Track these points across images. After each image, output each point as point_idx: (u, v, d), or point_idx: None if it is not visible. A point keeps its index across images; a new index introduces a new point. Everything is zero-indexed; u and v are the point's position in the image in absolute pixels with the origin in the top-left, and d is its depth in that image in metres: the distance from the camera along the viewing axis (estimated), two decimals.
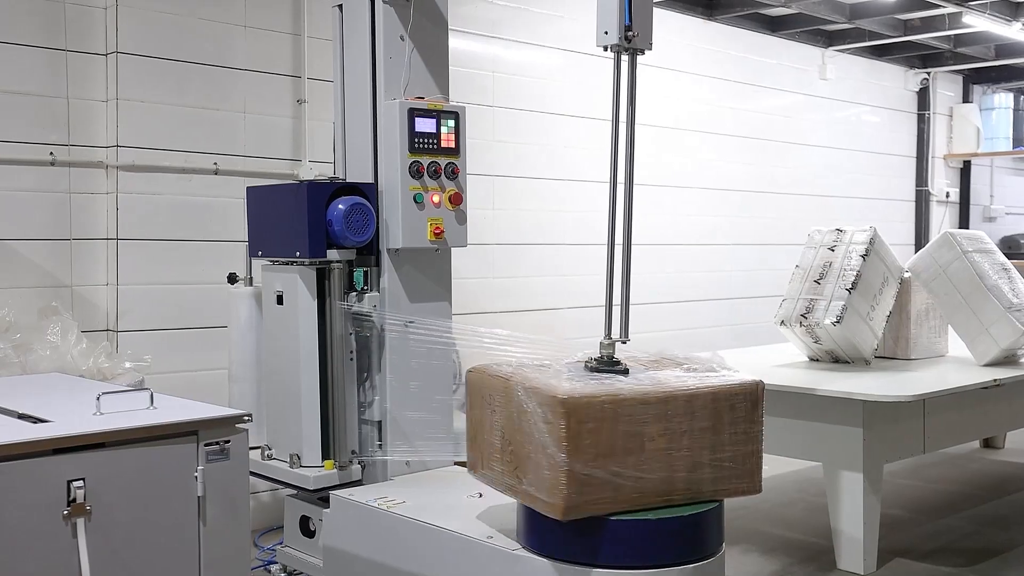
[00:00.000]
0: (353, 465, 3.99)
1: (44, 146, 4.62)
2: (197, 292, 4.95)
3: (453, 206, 4.07)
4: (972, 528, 5.27)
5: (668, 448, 2.96)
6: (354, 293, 4.01)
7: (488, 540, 3.21)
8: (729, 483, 3.08)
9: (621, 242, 3.29)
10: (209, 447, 2.62)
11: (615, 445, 2.87)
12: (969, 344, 5.15)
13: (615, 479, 2.88)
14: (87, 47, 4.74)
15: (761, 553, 4.83)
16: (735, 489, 3.10)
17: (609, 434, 2.86)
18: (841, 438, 4.50)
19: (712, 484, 3.04)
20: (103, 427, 2.52)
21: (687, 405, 2.98)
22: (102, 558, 2.43)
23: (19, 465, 2.33)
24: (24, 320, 4.34)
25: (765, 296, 7.27)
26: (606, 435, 2.86)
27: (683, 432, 2.97)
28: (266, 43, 5.23)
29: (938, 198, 9.84)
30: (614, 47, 3.25)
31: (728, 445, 3.06)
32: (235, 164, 5.10)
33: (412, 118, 3.97)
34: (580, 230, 6.70)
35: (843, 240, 5.28)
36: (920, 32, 8.13)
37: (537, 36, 6.57)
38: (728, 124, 7.85)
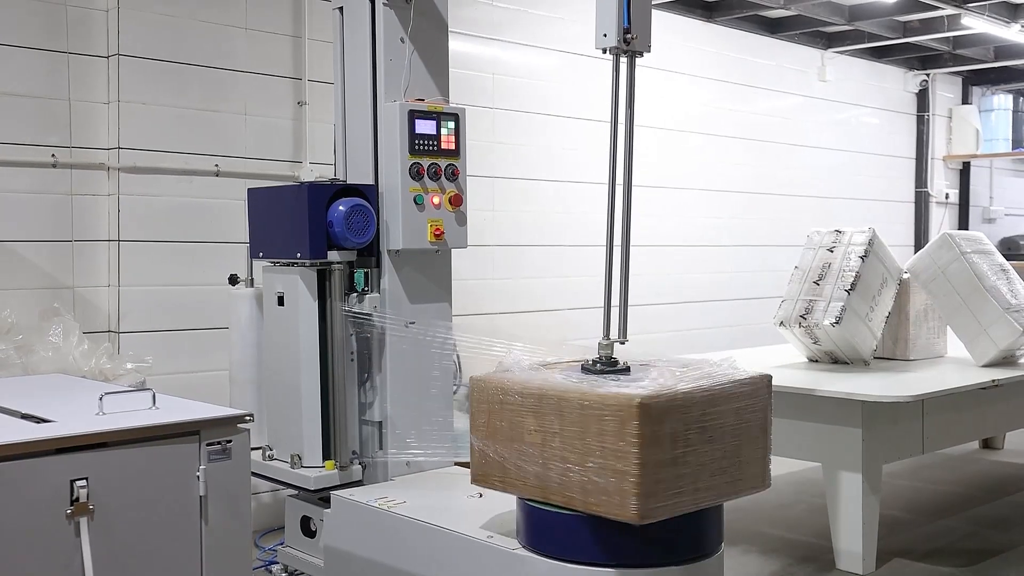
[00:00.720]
0: (354, 465, 4.00)
1: (46, 148, 4.64)
2: (198, 294, 4.97)
3: (453, 207, 4.09)
4: (971, 529, 5.29)
5: None
6: (355, 294, 4.02)
7: (488, 540, 3.23)
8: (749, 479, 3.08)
9: (620, 243, 3.30)
10: (211, 447, 2.63)
11: None
12: (968, 345, 5.17)
13: None
14: (88, 49, 4.76)
15: (761, 553, 4.85)
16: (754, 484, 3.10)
17: None
18: (840, 438, 4.51)
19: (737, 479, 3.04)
20: (106, 427, 2.53)
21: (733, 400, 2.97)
22: (105, 557, 2.44)
23: (22, 464, 2.35)
24: (26, 321, 4.35)
25: (765, 297, 7.28)
26: None
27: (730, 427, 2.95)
28: (267, 45, 5.25)
29: (937, 199, 9.86)
30: (613, 49, 3.27)
31: None
32: (236, 166, 5.11)
33: (412, 120, 3.99)
34: (580, 231, 6.72)
35: (842, 241, 5.29)
36: (919, 34, 8.16)
37: (537, 38, 6.59)
38: (728, 126, 7.87)
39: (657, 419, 2.77)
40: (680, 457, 2.84)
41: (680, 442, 2.84)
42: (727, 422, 2.99)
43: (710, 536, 3.08)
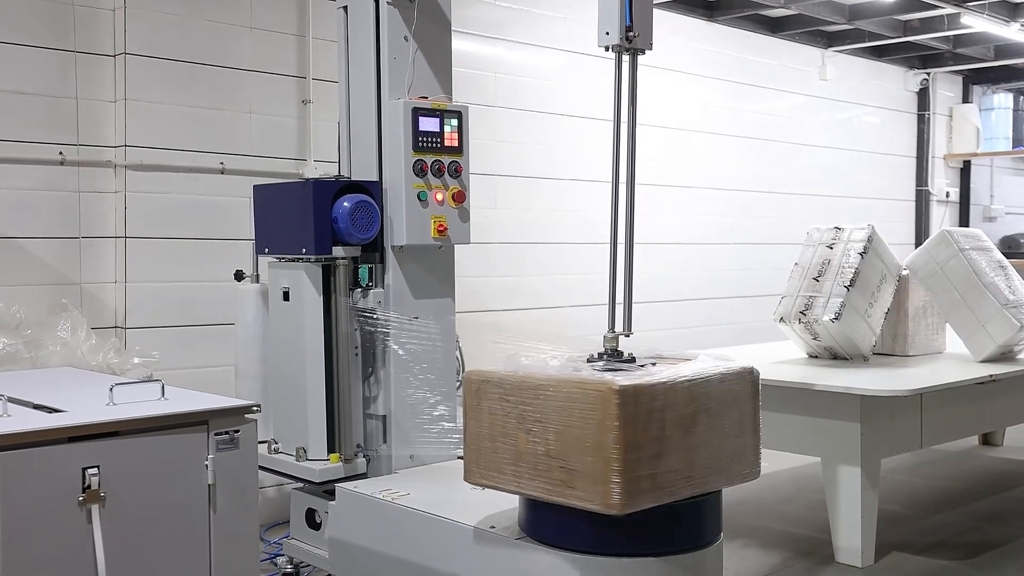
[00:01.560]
0: (358, 458, 4.06)
1: (54, 146, 4.69)
2: (204, 290, 5.02)
3: (456, 204, 4.14)
4: (970, 524, 5.33)
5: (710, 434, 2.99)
6: (359, 289, 4.08)
7: (491, 530, 3.28)
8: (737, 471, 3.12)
9: (624, 237, 3.35)
10: (219, 436, 2.68)
11: None
12: (966, 340, 5.21)
13: None
14: (96, 48, 4.81)
15: (760, 547, 4.89)
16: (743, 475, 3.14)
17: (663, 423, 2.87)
18: (839, 433, 4.56)
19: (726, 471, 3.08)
20: (116, 416, 2.59)
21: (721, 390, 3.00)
22: (116, 543, 2.49)
23: (36, 453, 2.40)
24: (34, 317, 4.40)
25: (766, 295, 7.31)
26: None
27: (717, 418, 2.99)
28: (271, 44, 5.31)
29: (938, 198, 9.90)
30: (615, 47, 3.32)
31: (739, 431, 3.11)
32: (241, 164, 5.17)
33: (416, 117, 4.04)
34: (582, 229, 6.77)
35: (841, 238, 5.34)
36: (919, 33, 8.20)
37: (539, 37, 6.64)
38: (728, 125, 7.91)
39: (637, 407, 2.78)
40: (664, 447, 2.86)
41: (664, 432, 2.85)
42: (713, 413, 3.01)
43: (709, 526, 3.12)
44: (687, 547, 3.04)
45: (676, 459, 2.89)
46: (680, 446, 2.91)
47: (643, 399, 2.81)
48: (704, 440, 2.98)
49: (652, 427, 2.83)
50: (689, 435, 2.94)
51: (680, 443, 2.91)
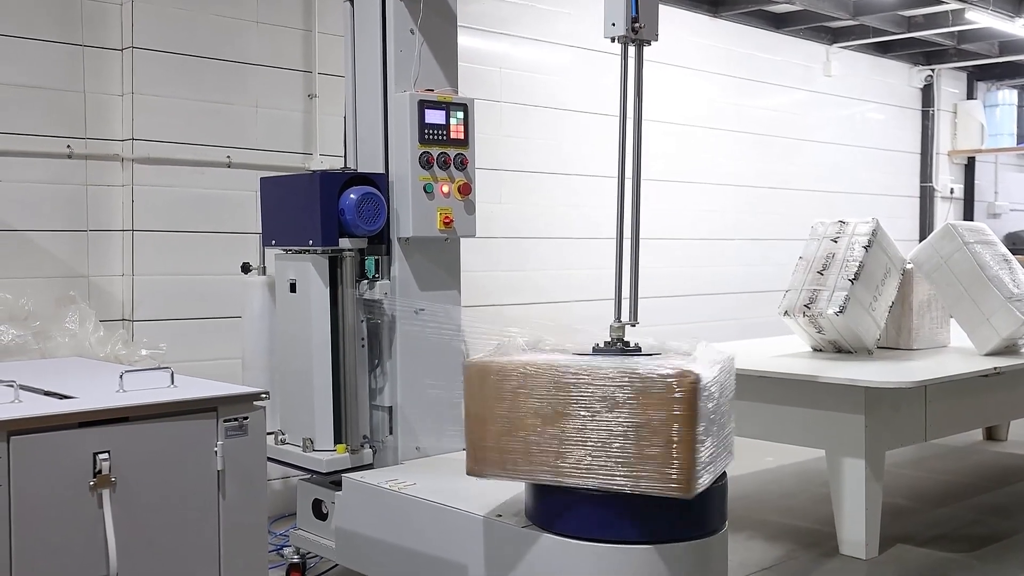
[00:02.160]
0: (364, 449, 4.08)
1: (61, 139, 4.71)
2: (211, 283, 5.04)
3: (462, 196, 4.16)
4: (974, 517, 5.34)
5: None
6: (365, 281, 4.10)
7: (498, 518, 3.29)
8: None
9: (629, 226, 3.37)
10: (228, 423, 2.70)
11: None
12: (970, 334, 5.22)
13: None
14: (103, 42, 4.84)
15: (765, 540, 4.91)
16: None
17: None
18: (843, 425, 4.57)
19: None
20: (127, 402, 2.61)
21: None
22: (126, 528, 2.52)
23: (47, 437, 2.42)
24: (42, 309, 4.43)
25: (770, 291, 7.32)
26: None
27: None
28: (278, 39, 5.33)
29: (942, 194, 9.90)
30: (621, 38, 3.34)
31: None
32: (247, 157, 5.19)
33: (422, 110, 4.06)
34: (588, 225, 6.78)
35: (846, 231, 5.35)
36: (923, 29, 8.20)
37: (544, 33, 6.65)
38: (733, 120, 7.92)
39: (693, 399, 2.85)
40: None
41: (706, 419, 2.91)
42: None
43: (714, 514, 3.14)
44: (693, 535, 3.05)
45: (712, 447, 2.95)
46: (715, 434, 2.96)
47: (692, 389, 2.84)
48: None
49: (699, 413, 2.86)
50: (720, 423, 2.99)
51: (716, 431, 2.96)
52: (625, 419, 2.88)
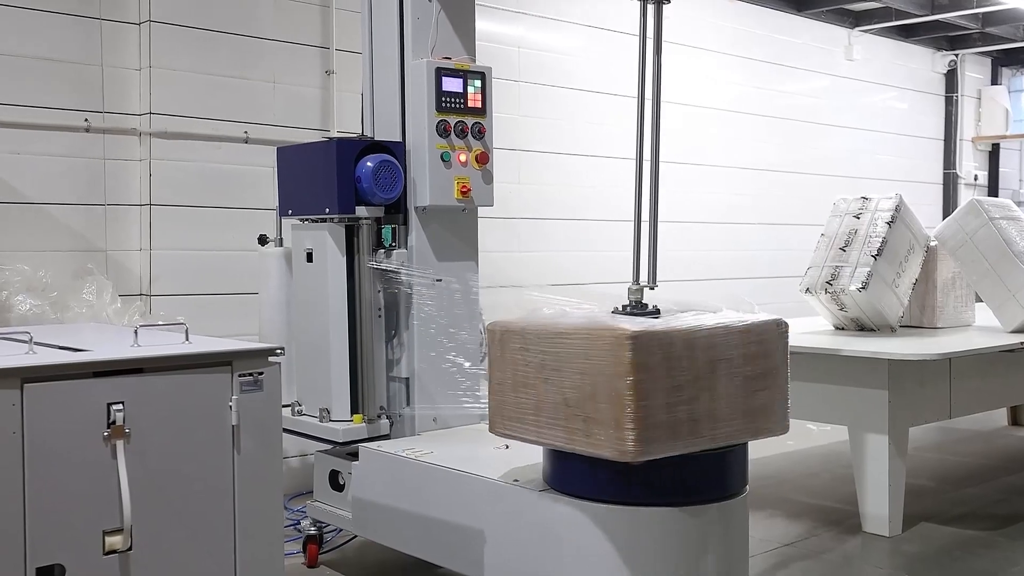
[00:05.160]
0: (381, 420, 4.05)
1: (79, 113, 4.71)
2: (227, 258, 5.03)
3: (480, 165, 4.13)
4: (999, 496, 5.26)
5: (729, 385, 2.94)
6: (382, 250, 4.07)
7: (515, 483, 3.26)
8: None
9: (648, 191, 3.32)
10: (243, 378, 2.68)
11: None
12: (996, 311, 5.14)
13: None
14: (121, 16, 4.83)
15: (786, 517, 4.85)
16: None
17: None
18: (866, 401, 4.50)
19: None
20: (141, 354, 2.59)
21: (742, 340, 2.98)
22: (140, 480, 2.50)
23: (60, 386, 2.41)
24: (60, 281, 4.43)
25: (790, 276, 7.25)
26: None
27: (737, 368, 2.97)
28: (295, 14, 5.31)
29: (966, 181, 9.79)
30: None
31: None
32: (264, 133, 5.17)
33: (439, 77, 4.02)
34: (605, 206, 6.73)
35: (868, 208, 5.28)
36: (947, 10, 8.10)
37: (562, 13, 6.61)
38: (753, 104, 7.85)
39: (651, 354, 2.74)
40: (681, 396, 2.81)
41: (678, 380, 2.80)
42: (735, 364, 2.94)
43: (734, 477, 3.09)
44: (712, 498, 3.00)
45: (693, 408, 2.84)
46: (697, 396, 2.85)
47: (655, 346, 2.76)
48: (724, 391, 2.92)
49: (666, 374, 2.78)
50: (707, 385, 2.87)
51: (697, 392, 2.86)
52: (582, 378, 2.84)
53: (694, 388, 2.85)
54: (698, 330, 2.89)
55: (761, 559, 4.22)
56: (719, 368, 2.91)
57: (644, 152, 3.34)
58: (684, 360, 2.82)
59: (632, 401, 2.73)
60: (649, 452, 2.78)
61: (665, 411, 2.78)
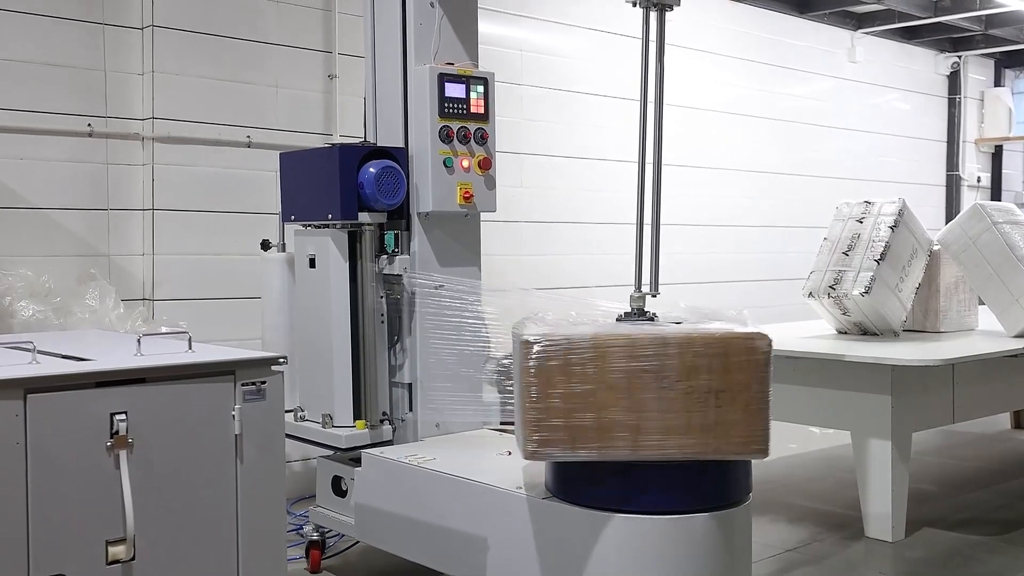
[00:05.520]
0: (384, 425, 4.05)
1: (82, 117, 4.72)
2: (231, 263, 5.04)
3: (482, 171, 4.12)
4: (1002, 501, 5.26)
5: None
6: (385, 256, 4.06)
7: (518, 491, 3.25)
8: None
9: (650, 197, 3.32)
10: (246, 387, 2.68)
11: None
12: (999, 315, 5.13)
13: None
14: (124, 21, 4.84)
15: (788, 523, 4.84)
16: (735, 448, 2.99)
17: None
18: (869, 406, 4.50)
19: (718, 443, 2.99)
20: (144, 364, 2.59)
21: None
22: (143, 490, 2.50)
23: (64, 396, 2.41)
24: (63, 286, 4.44)
25: (793, 278, 7.25)
26: None
27: None
28: (298, 18, 5.31)
29: (969, 183, 9.78)
30: (642, 3, 3.29)
31: None
32: (267, 137, 5.17)
33: (442, 83, 4.02)
34: (610, 209, 6.73)
35: (871, 212, 5.28)
36: (950, 12, 8.09)
37: (565, 16, 6.61)
38: (755, 106, 7.85)
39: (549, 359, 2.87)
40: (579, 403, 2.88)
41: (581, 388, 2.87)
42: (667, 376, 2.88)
43: (737, 485, 3.08)
44: (715, 506, 3.00)
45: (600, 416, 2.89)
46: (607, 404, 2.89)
47: (553, 352, 2.87)
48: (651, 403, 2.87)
49: (565, 380, 2.87)
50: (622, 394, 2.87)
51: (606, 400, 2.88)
52: None
53: (603, 395, 2.88)
54: (614, 338, 2.89)
55: (764, 564, 4.22)
56: (641, 379, 2.87)
57: (646, 159, 3.34)
58: (589, 367, 2.87)
59: (530, 404, 2.90)
60: (543, 454, 2.96)
61: (563, 416, 2.88)
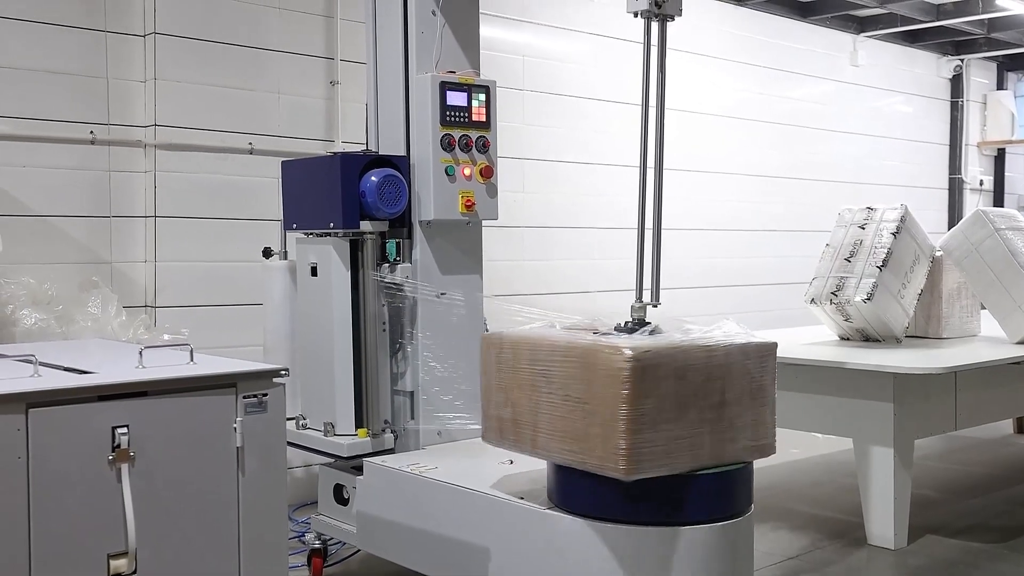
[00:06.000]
0: (386, 434, 4.05)
1: (84, 125, 4.72)
2: (232, 269, 5.04)
3: (484, 179, 4.12)
4: (1005, 508, 5.25)
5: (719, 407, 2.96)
6: (387, 264, 4.07)
7: (520, 501, 3.26)
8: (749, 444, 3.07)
9: (652, 208, 3.32)
10: (247, 399, 2.68)
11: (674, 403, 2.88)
12: (1001, 322, 5.13)
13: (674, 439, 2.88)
14: (126, 28, 4.84)
15: (790, 530, 4.84)
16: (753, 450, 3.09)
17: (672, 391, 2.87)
18: (871, 413, 4.49)
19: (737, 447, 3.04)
20: (146, 377, 2.59)
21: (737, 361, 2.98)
22: (145, 503, 2.50)
23: (66, 410, 2.41)
24: (65, 293, 4.44)
25: (795, 283, 7.24)
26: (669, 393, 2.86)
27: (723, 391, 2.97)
28: (300, 25, 5.32)
29: (972, 186, 9.77)
30: (644, 13, 3.29)
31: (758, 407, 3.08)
32: (269, 144, 5.18)
33: (444, 91, 4.02)
34: (611, 214, 6.73)
35: (874, 218, 5.28)
36: (953, 17, 8.08)
37: (567, 21, 6.61)
38: (758, 110, 7.84)
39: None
40: (671, 415, 2.85)
41: (671, 399, 2.84)
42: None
43: (739, 497, 3.08)
44: (717, 518, 3.00)
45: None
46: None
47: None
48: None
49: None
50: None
51: (689, 413, 2.88)
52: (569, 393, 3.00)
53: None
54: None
55: (766, 572, 4.22)
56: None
57: (648, 167, 3.34)
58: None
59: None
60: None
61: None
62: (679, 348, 2.90)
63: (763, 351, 3.10)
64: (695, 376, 2.89)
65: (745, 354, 3.02)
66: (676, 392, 2.85)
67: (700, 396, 2.91)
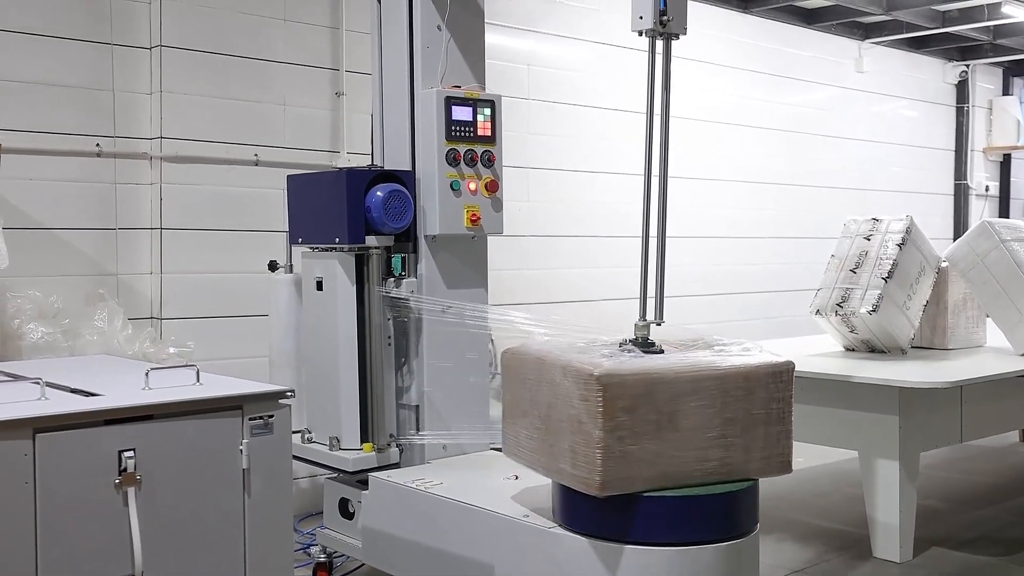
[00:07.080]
0: (391, 448, 4.06)
1: (90, 137, 4.73)
2: (238, 281, 5.04)
3: (489, 193, 4.13)
4: (1011, 519, 5.24)
5: (701, 426, 2.99)
6: (392, 279, 4.07)
7: (524, 519, 3.26)
8: (760, 462, 3.09)
9: (656, 224, 3.32)
10: (253, 421, 2.69)
11: (650, 422, 2.91)
12: (1007, 333, 5.12)
13: (650, 457, 2.92)
14: (132, 41, 4.85)
15: (795, 542, 4.84)
16: (766, 468, 3.11)
17: (645, 411, 2.90)
18: (877, 426, 4.49)
19: (743, 463, 3.06)
20: (152, 400, 2.60)
21: (719, 384, 3.00)
22: (151, 526, 2.51)
23: (73, 435, 2.42)
24: (72, 306, 4.45)
25: (800, 289, 7.24)
26: (642, 412, 2.90)
27: (715, 411, 2.99)
28: (305, 36, 5.32)
29: (977, 192, 9.75)
30: (648, 32, 3.29)
31: (761, 424, 3.08)
32: (275, 155, 5.18)
33: (449, 106, 4.03)
34: (615, 223, 6.73)
35: (879, 229, 5.27)
36: (958, 23, 8.06)
37: (572, 29, 6.61)
38: (763, 117, 7.84)
39: (621, 393, 2.88)
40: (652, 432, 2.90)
41: (653, 418, 2.90)
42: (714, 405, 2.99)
43: (744, 516, 3.08)
44: (721, 538, 3.00)
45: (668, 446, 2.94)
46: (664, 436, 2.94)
47: (621, 387, 2.88)
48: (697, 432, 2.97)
49: (634, 413, 2.90)
50: (675, 426, 2.95)
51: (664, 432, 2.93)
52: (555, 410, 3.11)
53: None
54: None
55: None
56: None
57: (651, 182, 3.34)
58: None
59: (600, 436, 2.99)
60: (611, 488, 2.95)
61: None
62: (656, 370, 2.95)
63: (777, 370, 3.12)
64: (673, 395, 2.94)
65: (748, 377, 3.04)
66: (652, 412, 2.91)
67: (683, 416, 2.95)
